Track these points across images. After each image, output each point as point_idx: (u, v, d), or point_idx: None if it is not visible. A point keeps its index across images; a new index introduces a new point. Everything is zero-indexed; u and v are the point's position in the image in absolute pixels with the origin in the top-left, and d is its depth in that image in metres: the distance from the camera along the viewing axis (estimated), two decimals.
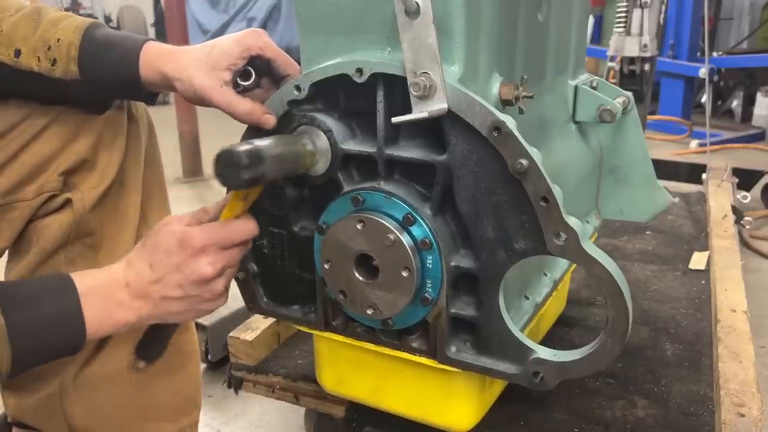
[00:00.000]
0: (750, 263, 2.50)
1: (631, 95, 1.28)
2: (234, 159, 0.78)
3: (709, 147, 2.75)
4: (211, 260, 0.86)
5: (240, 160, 0.78)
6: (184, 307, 0.88)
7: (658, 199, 1.32)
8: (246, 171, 0.79)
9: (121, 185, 1.08)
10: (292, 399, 1.29)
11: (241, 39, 0.97)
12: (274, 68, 1.00)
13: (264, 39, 0.98)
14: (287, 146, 0.87)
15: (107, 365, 1.10)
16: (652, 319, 1.48)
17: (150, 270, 0.86)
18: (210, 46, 0.97)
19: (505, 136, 0.80)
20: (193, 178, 3.93)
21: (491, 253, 0.87)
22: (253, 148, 0.80)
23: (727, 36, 6.38)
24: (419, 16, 0.79)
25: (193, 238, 0.85)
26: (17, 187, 0.99)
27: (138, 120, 1.11)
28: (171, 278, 0.85)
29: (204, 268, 0.85)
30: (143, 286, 0.86)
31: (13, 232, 1.02)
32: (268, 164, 0.81)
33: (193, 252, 0.85)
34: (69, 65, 0.94)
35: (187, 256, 0.85)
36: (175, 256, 0.85)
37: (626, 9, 2.43)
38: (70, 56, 0.94)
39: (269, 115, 0.95)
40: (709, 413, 1.14)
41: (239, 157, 0.78)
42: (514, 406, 1.16)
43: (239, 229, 0.90)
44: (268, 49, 0.98)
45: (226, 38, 0.98)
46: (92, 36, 0.96)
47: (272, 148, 0.83)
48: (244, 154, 0.78)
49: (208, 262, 0.86)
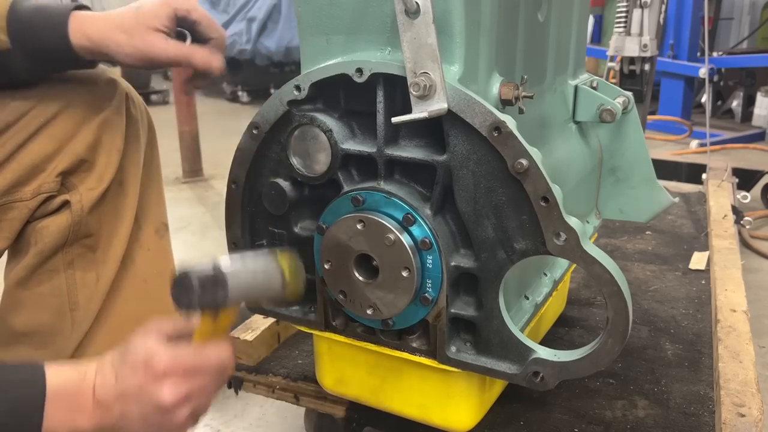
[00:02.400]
0: (750, 263, 2.49)
1: (631, 95, 1.28)
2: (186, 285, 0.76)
3: (709, 147, 2.75)
4: (173, 388, 0.78)
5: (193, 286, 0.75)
6: (142, 429, 0.80)
7: (658, 199, 1.32)
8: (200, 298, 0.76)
9: (120, 186, 1.08)
10: (292, 399, 1.29)
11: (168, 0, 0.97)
12: (199, 31, 1.01)
13: (190, 1, 0.98)
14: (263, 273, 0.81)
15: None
16: (652, 319, 1.48)
17: (115, 382, 0.80)
18: (134, 7, 0.97)
19: (505, 136, 0.80)
20: (193, 179, 3.93)
21: (491, 253, 0.87)
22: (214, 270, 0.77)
23: (727, 36, 6.38)
24: (419, 16, 0.79)
25: (158, 361, 0.78)
26: (14, 188, 0.99)
27: (137, 120, 1.11)
28: (131, 396, 0.79)
29: (164, 395, 0.78)
30: (107, 398, 0.79)
31: (11, 232, 1.02)
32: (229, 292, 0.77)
33: (155, 376, 0.78)
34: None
35: (149, 379, 0.78)
36: (139, 375, 0.78)
37: (626, 9, 2.43)
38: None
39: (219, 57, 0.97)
40: (709, 413, 1.14)
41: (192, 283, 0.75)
42: (514, 406, 1.16)
43: (209, 356, 0.81)
44: (194, 11, 0.99)
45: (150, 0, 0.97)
46: (19, 5, 0.95)
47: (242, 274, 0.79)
48: (202, 276, 0.76)
49: (168, 387, 0.78)
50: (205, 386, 0.82)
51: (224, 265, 0.78)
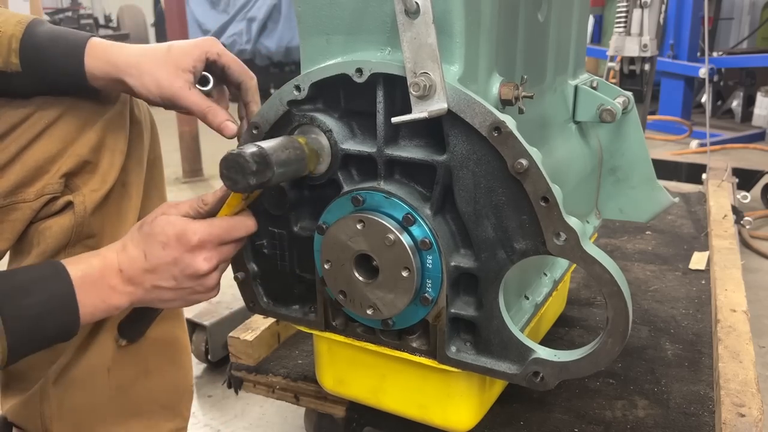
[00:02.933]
0: (750, 263, 2.49)
1: (631, 95, 1.28)
2: (242, 164, 0.78)
3: (709, 147, 2.75)
4: (207, 256, 0.87)
5: (248, 165, 0.78)
6: (175, 297, 0.89)
7: (658, 199, 1.32)
8: (254, 176, 0.79)
9: (123, 187, 1.08)
10: (292, 399, 1.29)
11: (200, 43, 0.99)
12: (229, 75, 1.02)
13: (220, 46, 1.00)
14: (293, 150, 0.87)
15: (87, 368, 1.10)
16: (652, 319, 1.48)
17: (144, 258, 0.86)
18: (167, 45, 0.98)
19: (505, 136, 0.80)
20: (193, 179, 3.93)
21: (491, 253, 0.87)
22: (261, 152, 0.80)
23: (727, 36, 6.38)
24: (419, 15, 0.79)
25: (193, 233, 0.85)
26: (18, 189, 0.99)
27: (140, 121, 1.11)
28: (165, 270, 0.86)
29: (200, 264, 0.86)
30: (136, 274, 0.86)
31: (14, 233, 1.02)
32: (275, 169, 0.81)
33: (190, 248, 0.85)
34: (10, 57, 0.94)
35: (184, 251, 0.85)
36: (171, 249, 0.85)
37: (626, 9, 2.43)
38: (11, 48, 0.94)
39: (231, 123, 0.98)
40: (709, 413, 1.14)
41: (248, 162, 0.78)
42: (514, 406, 1.16)
43: (238, 227, 0.90)
44: (225, 55, 1.00)
45: (183, 41, 0.99)
46: (35, 30, 0.96)
47: (279, 152, 0.83)
48: (252, 160, 0.78)
49: (204, 258, 0.86)
50: (231, 253, 0.92)
51: (266, 146, 0.81)
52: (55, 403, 1.10)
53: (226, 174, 0.79)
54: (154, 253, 0.86)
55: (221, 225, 0.88)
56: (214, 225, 0.88)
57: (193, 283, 0.88)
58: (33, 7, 4.84)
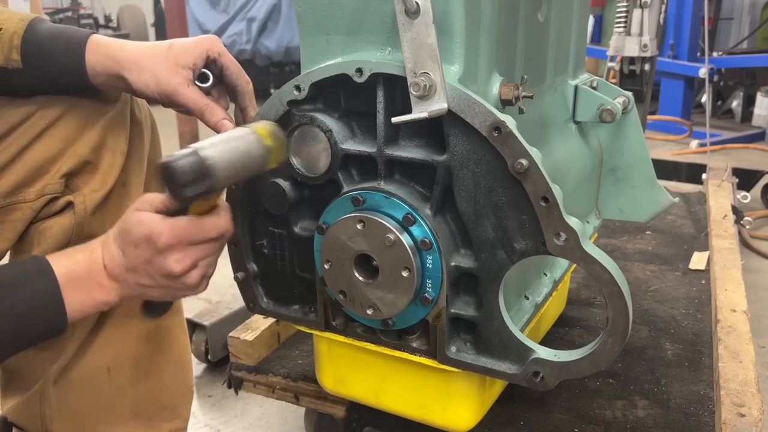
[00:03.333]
0: (750, 263, 2.49)
1: (631, 95, 1.28)
2: (174, 175, 0.72)
3: (709, 147, 2.75)
4: (178, 257, 0.82)
5: (181, 176, 0.72)
6: (160, 293, 0.87)
7: (658, 199, 1.32)
8: (189, 187, 0.74)
9: (123, 187, 1.08)
10: (292, 399, 1.29)
11: (201, 41, 0.98)
12: (226, 76, 1.02)
13: (221, 45, 1.00)
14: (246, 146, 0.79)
15: (87, 368, 1.10)
16: (652, 319, 1.48)
17: (123, 256, 0.84)
18: (168, 42, 0.97)
19: (505, 136, 0.80)
20: None
21: (491, 253, 0.87)
22: (196, 160, 0.72)
23: (727, 36, 6.37)
24: (419, 16, 0.79)
25: (159, 235, 0.81)
26: (18, 189, 0.99)
27: (141, 121, 1.11)
28: (142, 269, 0.83)
29: (172, 266, 0.82)
30: (119, 272, 0.84)
31: (14, 233, 1.02)
32: (219, 174, 0.75)
33: (158, 249, 0.81)
34: (11, 53, 0.94)
35: (155, 253, 0.82)
36: (142, 249, 0.82)
37: (626, 9, 2.43)
38: (12, 45, 0.94)
39: (228, 122, 0.97)
40: (709, 413, 1.14)
41: (180, 173, 0.72)
42: (514, 406, 1.16)
43: (207, 228, 0.84)
44: (225, 55, 1.00)
45: (185, 39, 0.99)
46: (36, 27, 0.96)
47: (226, 154, 0.76)
48: (185, 170, 0.72)
49: (175, 259, 0.82)
50: (208, 252, 0.86)
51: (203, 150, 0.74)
52: (55, 403, 1.10)
53: (165, 183, 0.74)
54: (130, 252, 0.83)
55: (187, 227, 0.82)
56: (180, 227, 0.82)
57: (171, 282, 0.85)
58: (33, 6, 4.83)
